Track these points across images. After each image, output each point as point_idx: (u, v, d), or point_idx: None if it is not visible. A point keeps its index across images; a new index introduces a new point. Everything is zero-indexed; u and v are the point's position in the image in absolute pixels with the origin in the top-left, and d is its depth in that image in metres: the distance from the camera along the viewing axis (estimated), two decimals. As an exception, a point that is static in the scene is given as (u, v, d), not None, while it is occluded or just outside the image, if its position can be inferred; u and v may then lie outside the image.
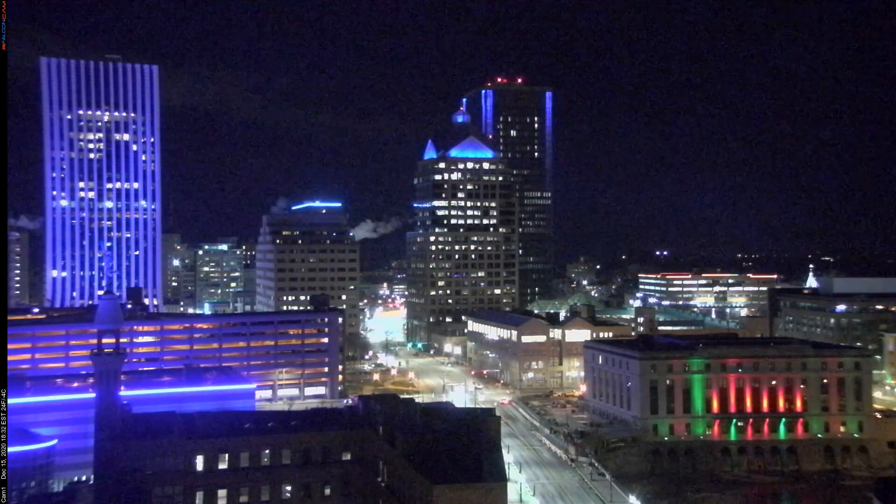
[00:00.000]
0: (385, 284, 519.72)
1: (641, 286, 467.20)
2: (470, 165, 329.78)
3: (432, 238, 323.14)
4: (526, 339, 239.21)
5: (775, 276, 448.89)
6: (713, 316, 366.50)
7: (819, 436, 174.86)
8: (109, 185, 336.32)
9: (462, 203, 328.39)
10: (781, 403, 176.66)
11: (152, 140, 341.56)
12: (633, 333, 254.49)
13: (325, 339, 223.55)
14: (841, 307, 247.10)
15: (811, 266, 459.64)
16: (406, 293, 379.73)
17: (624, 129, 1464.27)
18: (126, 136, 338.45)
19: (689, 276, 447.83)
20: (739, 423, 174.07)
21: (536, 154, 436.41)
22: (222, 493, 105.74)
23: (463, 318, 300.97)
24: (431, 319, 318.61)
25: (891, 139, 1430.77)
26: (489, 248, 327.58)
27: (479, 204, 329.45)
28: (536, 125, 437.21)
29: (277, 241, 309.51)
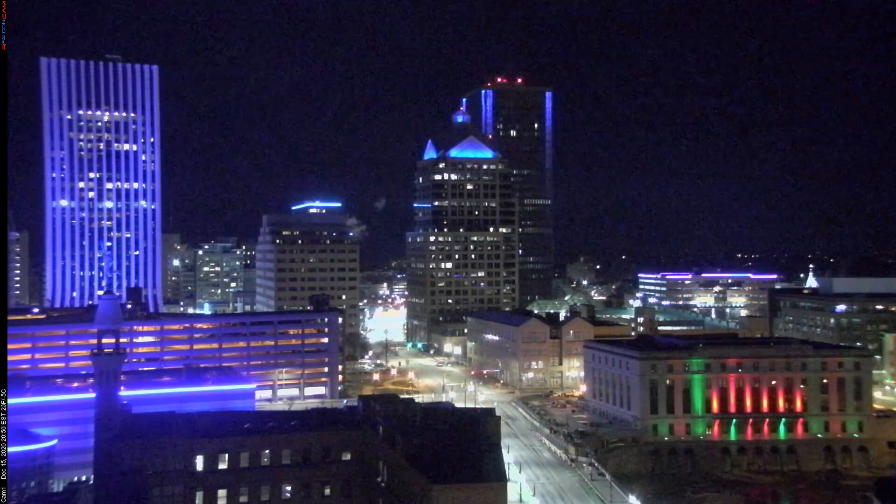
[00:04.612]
0: (385, 284, 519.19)
1: (641, 286, 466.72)
2: (470, 165, 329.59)
3: (432, 238, 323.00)
4: (526, 339, 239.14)
5: (775, 276, 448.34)
6: (713, 316, 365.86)
7: (819, 436, 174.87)
8: (109, 185, 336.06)
9: (462, 203, 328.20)
10: (781, 403, 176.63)
11: (152, 140, 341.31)
12: (633, 333, 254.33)
13: (325, 339, 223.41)
14: (841, 307, 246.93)
15: (811, 266, 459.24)
16: (406, 293, 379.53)
17: (624, 128, 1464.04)
18: (126, 136, 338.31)
19: (689, 276, 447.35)
20: (739, 423, 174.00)
21: (536, 154, 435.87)
22: (222, 493, 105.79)
23: (463, 318, 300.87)
24: (431, 319, 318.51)
25: (891, 138, 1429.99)
26: (489, 248, 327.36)
27: (479, 204, 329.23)
28: (536, 125, 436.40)
29: (277, 241, 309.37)
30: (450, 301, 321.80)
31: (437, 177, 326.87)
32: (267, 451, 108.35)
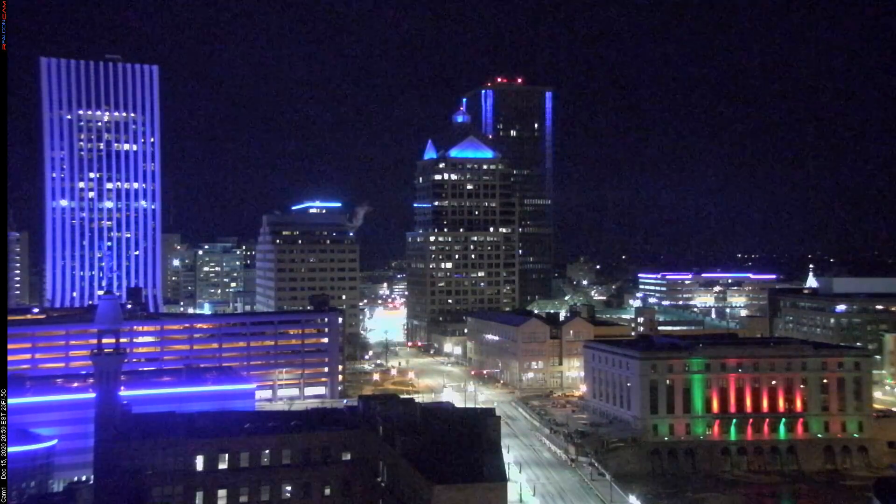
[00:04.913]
0: (385, 284, 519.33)
1: (641, 286, 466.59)
2: (470, 165, 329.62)
3: (432, 238, 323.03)
4: (526, 339, 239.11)
5: (775, 276, 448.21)
6: (713, 316, 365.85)
7: (819, 436, 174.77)
8: (109, 185, 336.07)
9: (462, 203, 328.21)
10: (781, 403, 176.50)
11: (152, 140, 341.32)
12: (633, 333, 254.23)
13: (325, 339, 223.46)
14: (841, 307, 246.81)
15: (811, 266, 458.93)
16: (406, 293, 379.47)
17: (624, 128, 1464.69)
18: (126, 136, 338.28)
19: (689, 276, 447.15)
20: (739, 423, 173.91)
21: (536, 154, 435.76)
22: (222, 493, 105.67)
23: (463, 318, 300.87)
24: (431, 319, 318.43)
25: (891, 138, 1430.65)
26: (489, 248, 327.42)
27: (479, 204, 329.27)
28: (536, 125, 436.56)
29: (277, 241, 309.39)
30: (450, 301, 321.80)
31: (437, 177, 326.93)
32: (267, 451, 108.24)
